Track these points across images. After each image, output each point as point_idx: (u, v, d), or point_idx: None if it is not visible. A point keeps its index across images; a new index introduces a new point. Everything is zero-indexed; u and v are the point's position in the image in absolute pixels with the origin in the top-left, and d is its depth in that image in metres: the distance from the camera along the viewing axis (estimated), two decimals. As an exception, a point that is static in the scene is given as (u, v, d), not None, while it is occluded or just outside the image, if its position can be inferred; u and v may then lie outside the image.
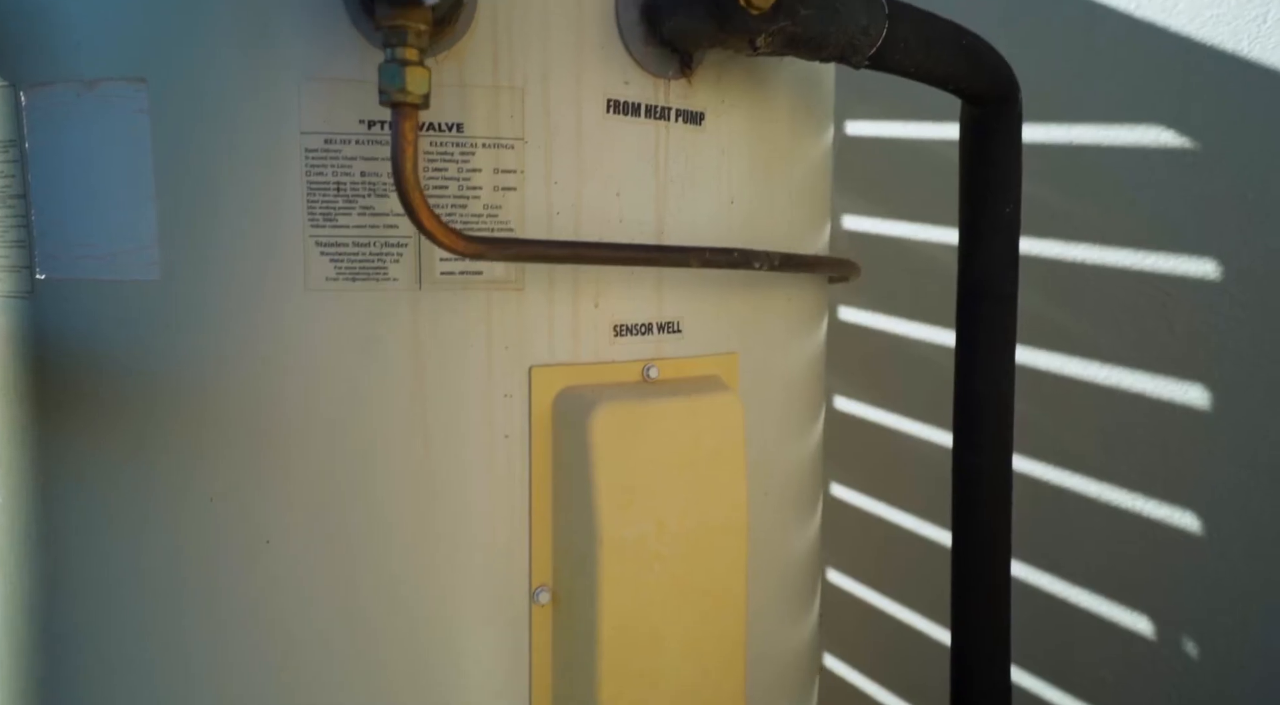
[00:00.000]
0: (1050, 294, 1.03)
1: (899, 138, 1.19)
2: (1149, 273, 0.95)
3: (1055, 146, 1.02)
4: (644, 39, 0.56)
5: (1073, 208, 1.01)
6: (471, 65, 0.52)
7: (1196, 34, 0.88)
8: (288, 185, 0.50)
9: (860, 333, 1.29)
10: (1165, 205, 0.92)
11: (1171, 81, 0.90)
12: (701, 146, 0.60)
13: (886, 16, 0.58)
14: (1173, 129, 0.91)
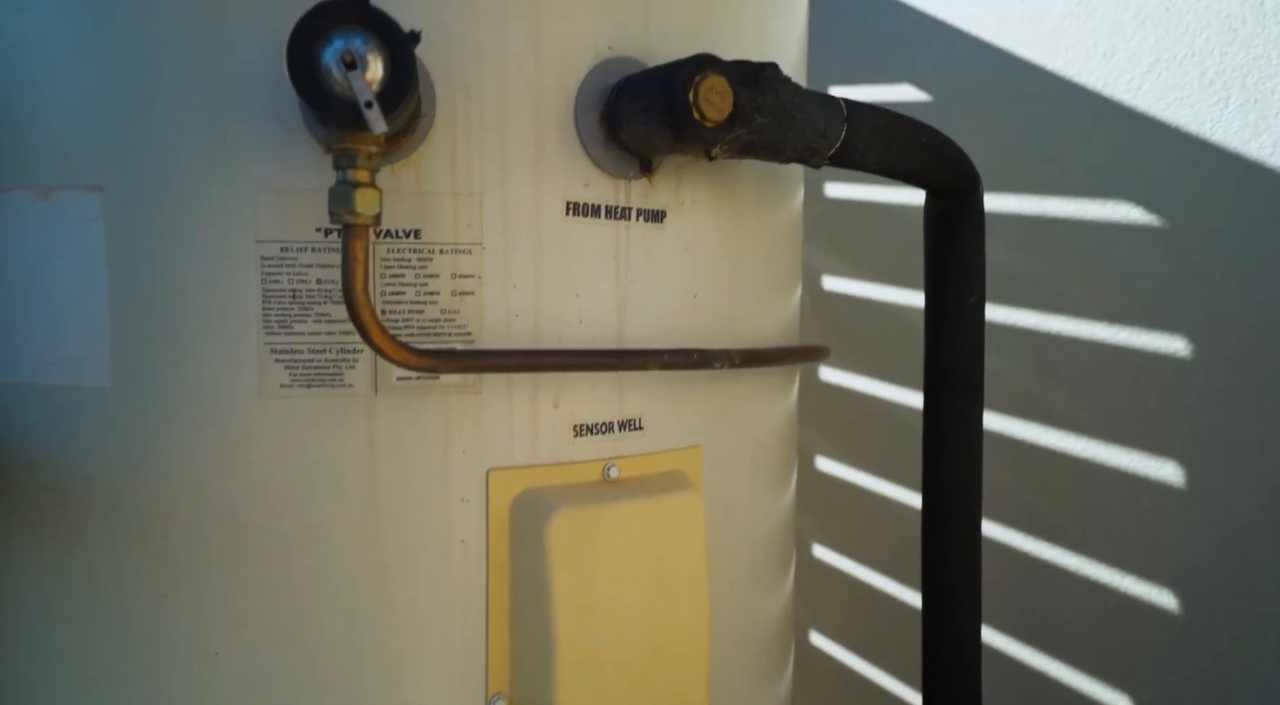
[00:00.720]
0: (1026, 363, 1.03)
1: (879, 202, 1.20)
2: (1123, 347, 0.95)
3: (1029, 217, 1.03)
4: (603, 142, 0.56)
5: (1047, 278, 1.02)
6: (430, 172, 0.52)
7: (1162, 115, 0.90)
8: (243, 293, 0.50)
9: (842, 394, 1.28)
10: (1136, 281, 0.93)
11: (1139, 160, 0.92)
12: (663, 244, 0.60)
13: (845, 119, 0.58)
14: (1141, 206, 0.92)
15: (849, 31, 1.22)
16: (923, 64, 1.14)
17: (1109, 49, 0.94)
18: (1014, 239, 1.04)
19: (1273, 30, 0.80)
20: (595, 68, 0.55)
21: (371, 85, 0.41)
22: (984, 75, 1.06)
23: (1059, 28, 0.98)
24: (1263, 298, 0.83)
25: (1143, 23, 0.90)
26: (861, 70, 1.24)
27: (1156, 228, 0.91)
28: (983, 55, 1.06)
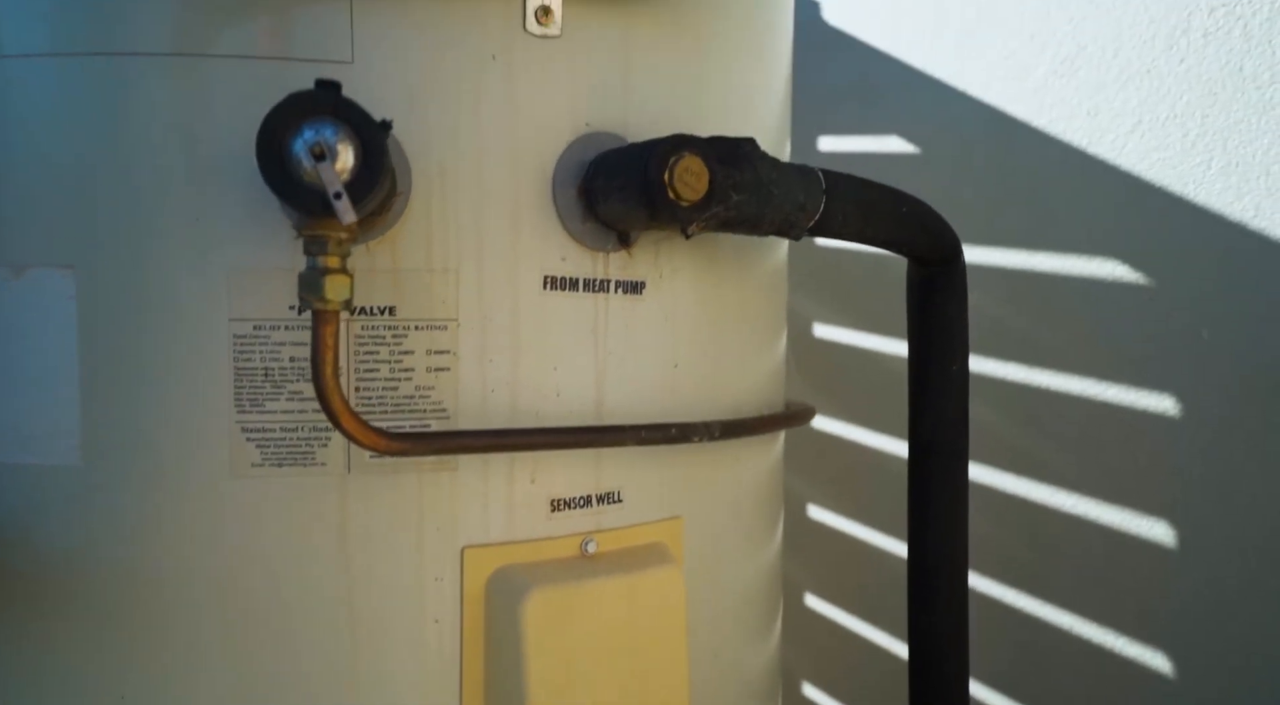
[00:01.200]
0: (1016, 417, 1.03)
1: (870, 251, 1.21)
2: (1112, 404, 0.95)
3: (1017, 271, 1.03)
4: (581, 217, 0.56)
5: (1036, 333, 1.01)
6: (405, 250, 0.52)
7: (1146, 175, 0.90)
8: (215, 371, 0.50)
9: (833, 442, 1.28)
10: (1124, 338, 0.93)
11: (1125, 218, 0.92)
12: (643, 314, 0.60)
13: (823, 192, 0.58)
14: (1128, 264, 0.92)
15: (839, 82, 1.23)
16: (911, 116, 1.14)
17: (1093, 108, 0.94)
18: (1002, 292, 1.04)
19: (1251, 95, 0.81)
20: (573, 143, 0.55)
21: (342, 175, 0.41)
22: (971, 129, 1.06)
23: (1043, 86, 0.99)
24: (1250, 358, 0.83)
25: (1125, 84, 0.91)
26: (851, 120, 1.25)
27: (1143, 286, 0.91)
28: (970, 110, 1.07)
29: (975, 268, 1.07)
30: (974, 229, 1.07)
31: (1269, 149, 0.80)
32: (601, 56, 0.56)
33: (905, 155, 1.17)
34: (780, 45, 0.73)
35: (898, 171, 1.16)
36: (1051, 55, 0.98)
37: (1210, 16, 0.83)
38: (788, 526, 1.07)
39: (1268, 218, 0.81)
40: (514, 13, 0.53)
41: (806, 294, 1.30)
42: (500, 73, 0.53)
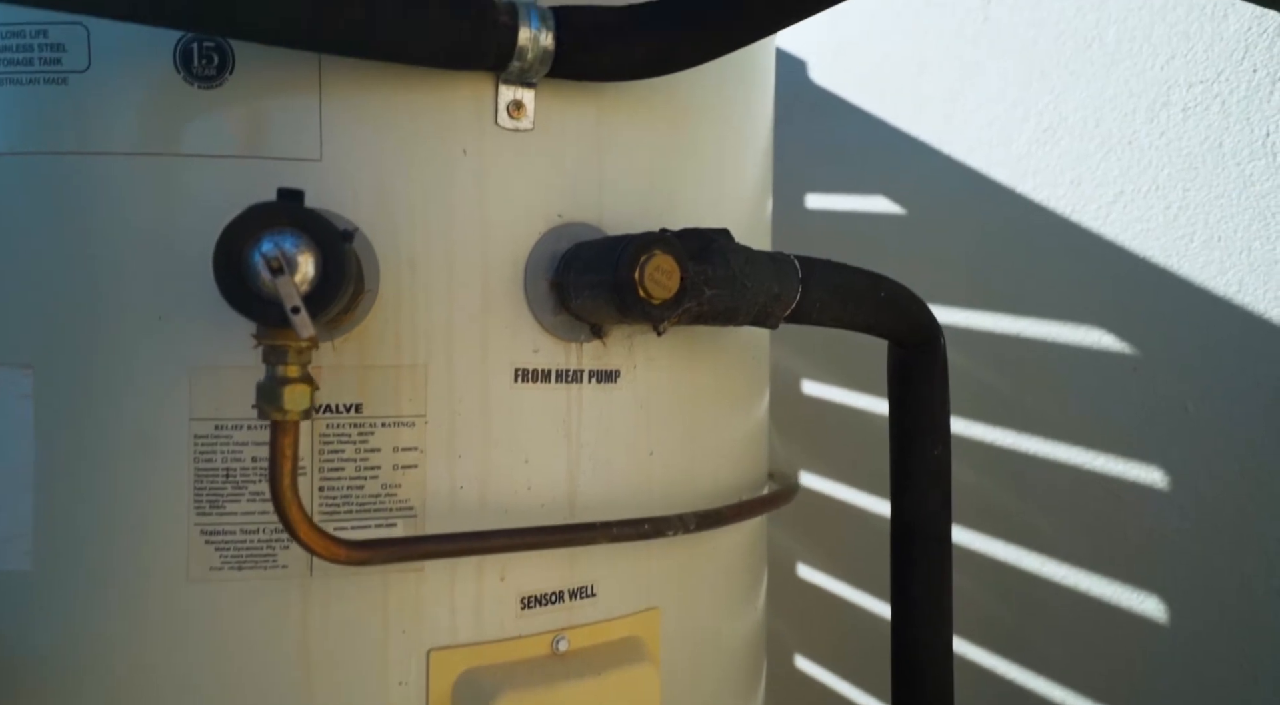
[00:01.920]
0: (1004, 482, 1.02)
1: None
2: (1100, 473, 0.93)
3: (1003, 335, 1.03)
4: (553, 309, 0.55)
5: (1023, 398, 1.01)
6: (373, 346, 0.51)
7: (1129, 245, 0.90)
8: (174, 473, 0.49)
9: (822, 501, 1.26)
10: (1110, 407, 0.92)
11: (1109, 287, 0.92)
12: (617, 403, 0.59)
13: (800, 281, 0.58)
14: (1114, 333, 0.92)
15: (826, 140, 1.24)
16: (898, 177, 1.15)
17: (1075, 177, 0.94)
18: (990, 356, 1.03)
19: (1232, 171, 0.81)
20: (546, 234, 0.55)
21: (301, 286, 0.40)
22: (956, 192, 1.07)
23: (1026, 153, 0.99)
24: (1235, 433, 0.82)
25: (1106, 154, 0.91)
26: (838, 178, 1.25)
27: (1128, 356, 0.90)
28: (955, 173, 1.07)
29: (962, 330, 1.07)
30: (960, 292, 1.07)
31: (1250, 225, 0.80)
32: (574, 147, 0.56)
33: (891, 215, 1.18)
34: (758, 118, 0.73)
35: (884, 231, 1.16)
36: (1034, 124, 0.98)
37: (1189, 92, 0.84)
38: (776, 586, 1.05)
39: (1250, 293, 0.80)
40: (485, 107, 0.53)
41: (795, 350, 1.29)
42: (471, 167, 0.53)
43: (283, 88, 0.49)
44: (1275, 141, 0.78)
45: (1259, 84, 0.79)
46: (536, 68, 0.51)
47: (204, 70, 0.48)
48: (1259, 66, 0.78)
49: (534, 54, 0.50)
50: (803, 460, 1.31)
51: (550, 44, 0.50)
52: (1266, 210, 0.79)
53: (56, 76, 0.47)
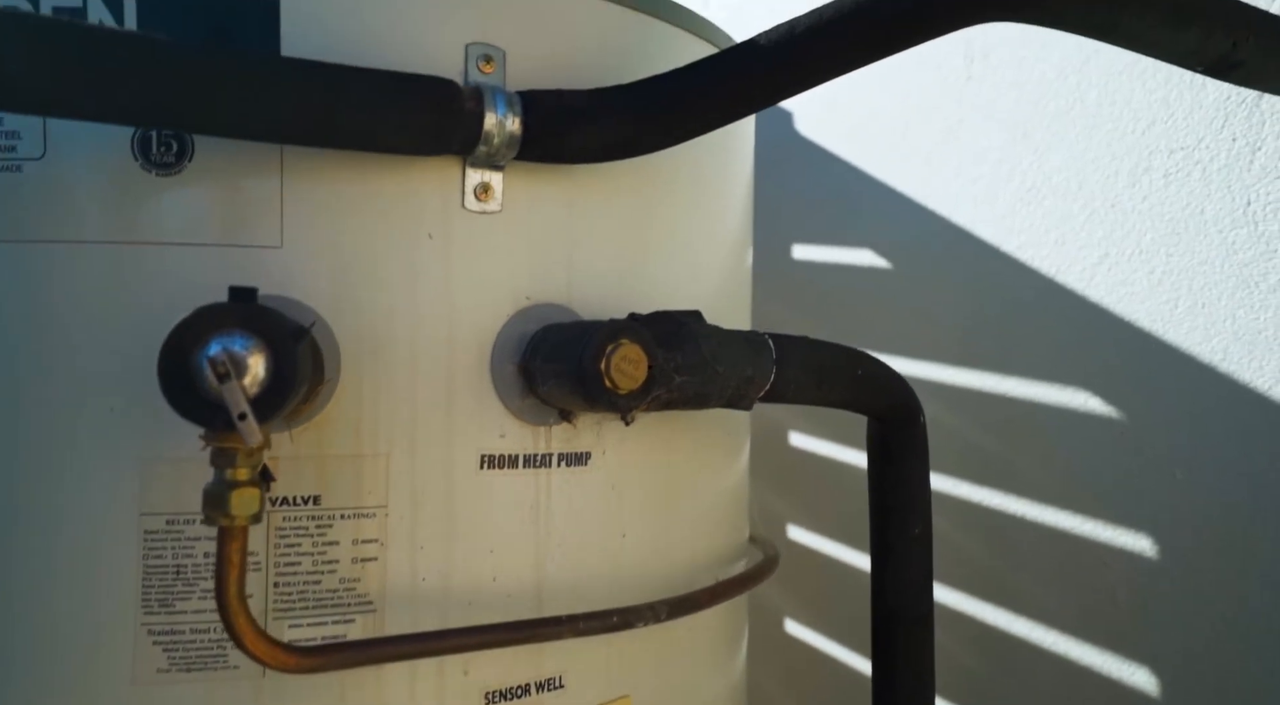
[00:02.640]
0: (992, 545, 1.00)
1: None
2: (1088, 539, 0.92)
3: (989, 394, 1.02)
4: (521, 393, 0.54)
5: (1012, 459, 0.99)
6: (332, 436, 0.50)
7: (1114, 308, 0.89)
8: (122, 569, 0.47)
9: (810, 556, 1.24)
10: (1098, 472, 0.90)
11: (1095, 350, 0.91)
12: (587, 486, 0.57)
13: (774, 362, 0.57)
14: (1099, 397, 0.91)
15: (813, 192, 1.23)
16: (883, 231, 1.14)
17: (1059, 238, 0.94)
18: (976, 415, 1.02)
19: (1214, 238, 0.80)
20: (513, 317, 0.54)
21: (251, 388, 0.39)
22: (941, 249, 1.06)
23: (1010, 211, 0.99)
24: (1223, 502, 0.81)
25: (1090, 215, 0.91)
26: (825, 230, 1.25)
27: (1115, 420, 0.89)
28: (939, 229, 1.07)
29: (949, 388, 1.06)
30: (946, 349, 1.06)
31: (1234, 293, 0.79)
32: (544, 228, 0.55)
33: (878, 269, 1.17)
34: (736, 178, 0.72)
35: (870, 285, 1.15)
36: (1018, 183, 0.98)
37: (1170, 158, 0.84)
38: (764, 643, 1.03)
39: (1235, 362, 0.79)
40: (452, 190, 0.52)
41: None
42: (437, 251, 0.52)
43: (243, 174, 0.48)
44: (1256, 211, 0.77)
45: (1239, 153, 0.78)
46: (504, 152, 0.50)
47: (162, 157, 0.47)
48: (1238, 135, 0.78)
49: (500, 139, 0.49)
50: (791, 514, 1.30)
51: (517, 129, 0.50)
52: (1249, 279, 0.78)
53: (11, 164, 0.46)
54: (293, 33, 0.48)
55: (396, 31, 0.50)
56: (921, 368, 1.10)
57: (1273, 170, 0.76)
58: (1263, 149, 0.77)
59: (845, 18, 0.47)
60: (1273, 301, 0.77)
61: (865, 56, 0.47)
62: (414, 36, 0.51)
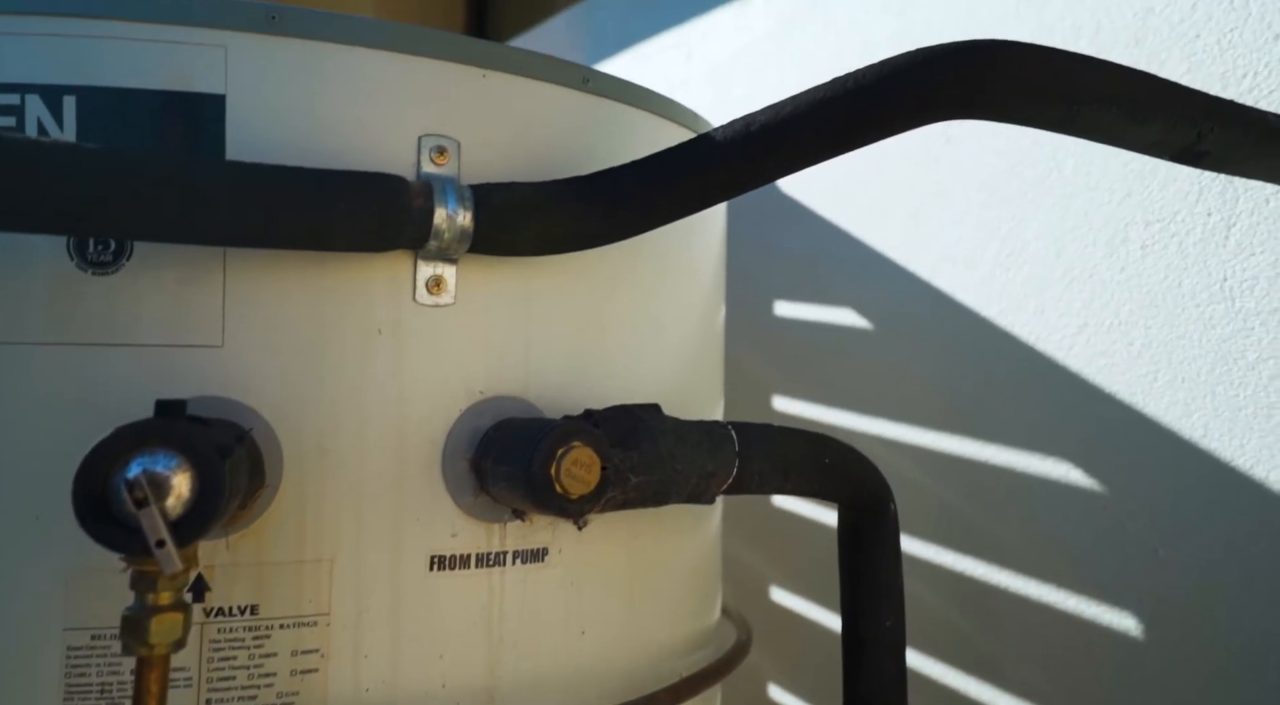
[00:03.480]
0: (975, 617, 0.97)
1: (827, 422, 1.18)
2: (1072, 614, 0.89)
3: (970, 461, 1.00)
4: (474, 491, 0.52)
5: (994, 528, 0.97)
6: (272, 542, 0.48)
7: (1094, 379, 0.88)
8: (43, 689, 0.45)
9: (793, 619, 1.21)
10: (1081, 547, 0.88)
11: (1075, 421, 0.89)
12: (544, 583, 0.55)
13: (736, 455, 0.55)
14: (1082, 469, 0.89)
15: (795, 249, 1.23)
16: (865, 292, 1.13)
17: (1039, 305, 0.93)
18: (958, 482, 1.00)
19: (1192, 312, 0.79)
20: (467, 411, 0.52)
21: (174, 509, 0.37)
22: (922, 312, 1.05)
23: (989, 277, 0.98)
24: (1206, 582, 0.79)
25: (1069, 284, 0.90)
26: (806, 288, 1.24)
27: (1096, 493, 0.88)
28: (920, 291, 1.06)
29: (929, 452, 1.04)
30: (927, 412, 1.05)
31: (1213, 369, 0.78)
32: (499, 319, 0.54)
33: (858, 329, 1.16)
34: (706, 247, 0.71)
35: (851, 344, 1.14)
36: (997, 248, 0.97)
37: (1147, 229, 0.83)
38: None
39: (1216, 439, 0.78)
40: (403, 285, 0.51)
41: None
42: (387, 346, 0.50)
43: (183, 273, 0.46)
44: (1232, 287, 0.76)
45: (1214, 228, 0.78)
46: (455, 246, 0.49)
47: (99, 256, 0.45)
48: (1213, 210, 0.78)
49: (451, 234, 0.48)
50: (773, 575, 1.27)
51: (468, 224, 0.49)
52: (1228, 355, 0.77)
53: (-59, 264, 0.45)
54: (239, 129, 0.47)
55: (347, 124, 0.49)
56: (901, 430, 1.09)
57: (1247, 247, 0.75)
58: (1237, 225, 0.76)
59: (802, 116, 0.46)
60: (1251, 379, 0.75)
61: (821, 154, 0.47)
62: (366, 129, 0.50)
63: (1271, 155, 0.59)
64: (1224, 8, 0.76)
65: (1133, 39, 0.84)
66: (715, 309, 0.75)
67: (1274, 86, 0.73)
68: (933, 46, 0.46)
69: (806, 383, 1.21)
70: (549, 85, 0.55)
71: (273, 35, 0.47)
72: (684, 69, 1.41)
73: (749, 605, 1.29)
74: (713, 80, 1.35)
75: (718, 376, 0.77)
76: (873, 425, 1.13)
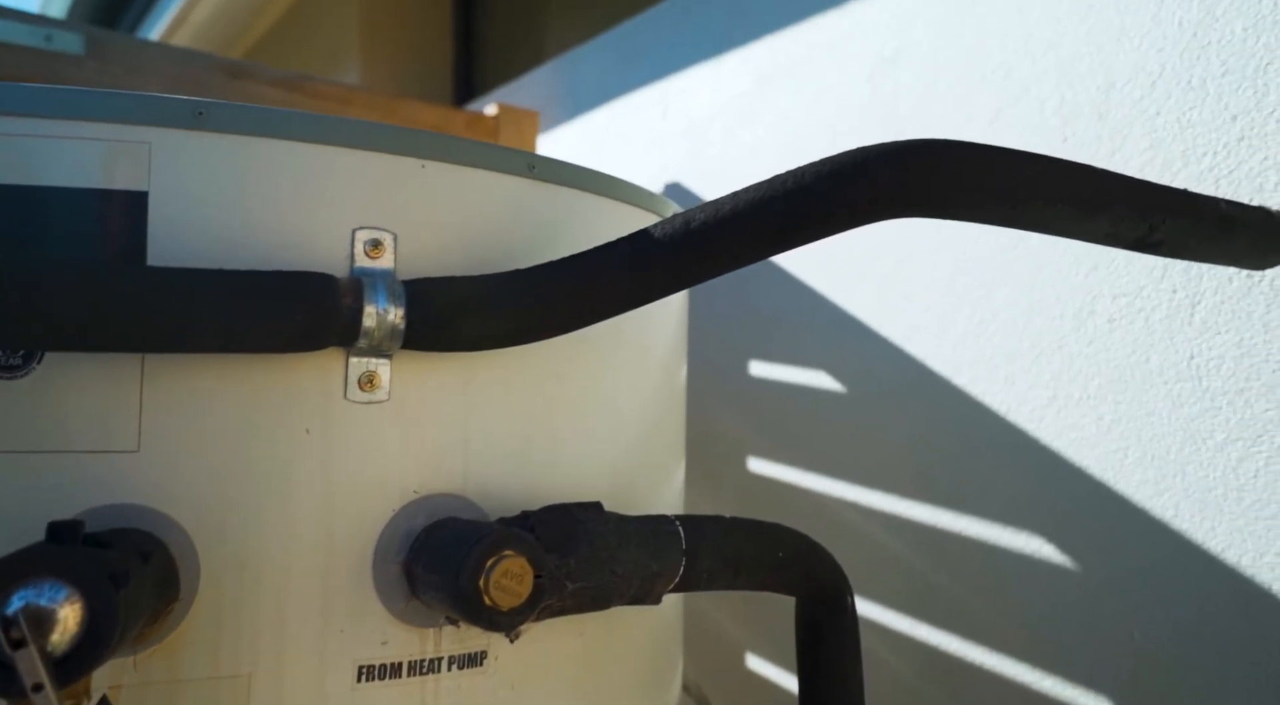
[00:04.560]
0: (944, 691, 0.95)
1: (799, 482, 1.16)
2: (1048, 695, 0.87)
3: (943, 532, 0.98)
4: (405, 595, 0.50)
5: (968, 600, 0.95)
6: (186, 658, 0.45)
7: (1065, 452, 0.86)
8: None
9: (772, 689, 1.18)
10: (1055, 624, 0.86)
11: (1046, 496, 0.87)
12: (483, 690, 0.53)
13: (684, 553, 0.53)
14: (1055, 545, 0.87)
15: (772, 309, 1.21)
16: (838, 354, 1.12)
17: (1009, 375, 0.92)
18: (929, 547, 0.98)
19: (1160, 389, 0.78)
20: (400, 512, 0.50)
21: (60, 644, 0.35)
22: (895, 378, 1.04)
23: (960, 344, 0.97)
24: (1181, 667, 0.76)
25: (1038, 356, 0.89)
26: (782, 349, 1.22)
27: (1070, 570, 0.85)
28: (893, 356, 1.05)
29: (903, 521, 1.02)
30: (899, 479, 1.03)
31: (1182, 447, 0.76)
32: (437, 414, 0.52)
33: (832, 392, 1.14)
34: (660, 323, 0.69)
35: (825, 408, 1.13)
36: (968, 315, 0.96)
37: (1114, 303, 0.82)
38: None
39: (1186, 520, 0.76)
40: (334, 382, 0.49)
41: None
42: (315, 446, 0.48)
43: (97, 376, 0.45)
44: (1199, 365, 0.75)
45: (1179, 305, 0.77)
46: (387, 344, 0.48)
47: (7, 360, 0.44)
48: (1178, 287, 0.77)
49: (382, 333, 0.47)
50: (749, 642, 1.24)
51: (400, 322, 0.47)
52: (1197, 434, 0.75)
53: None
54: (162, 226, 0.45)
55: (278, 218, 0.48)
56: (874, 496, 1.07)
57: (1213, 325, 0.74)
58: (1202, 303, 0.75)
59: (740, 215, 0.45)
60: (1220, 461, 0.74)
61: (760, 253, 0.45)
62: (297, 223, 0.48)
63: (1227, 242, 0.58)
64: (1182, 87, 0.76)
65: (1096, 113, 0.84)
66: (675, 372, 0.73)
67: (1233, 166, 0.72)
68: (872, 147, 0.45)
69: (781, 445, 1.20)
70: (492, 173, 0.54)
71: (199, 131, 0.46)
72: (661, 125, 1.41)
73: (723, 674, 1.25)
74: (689, 136, 1.35)
75: (678, 441, 0.75)
76: (847, 490, 1.11)
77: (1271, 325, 0.70)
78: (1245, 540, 0.72)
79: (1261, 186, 0.70)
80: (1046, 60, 0.88)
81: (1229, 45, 0.73)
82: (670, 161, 1.39)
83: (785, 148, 1.17)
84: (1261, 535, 0.71)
